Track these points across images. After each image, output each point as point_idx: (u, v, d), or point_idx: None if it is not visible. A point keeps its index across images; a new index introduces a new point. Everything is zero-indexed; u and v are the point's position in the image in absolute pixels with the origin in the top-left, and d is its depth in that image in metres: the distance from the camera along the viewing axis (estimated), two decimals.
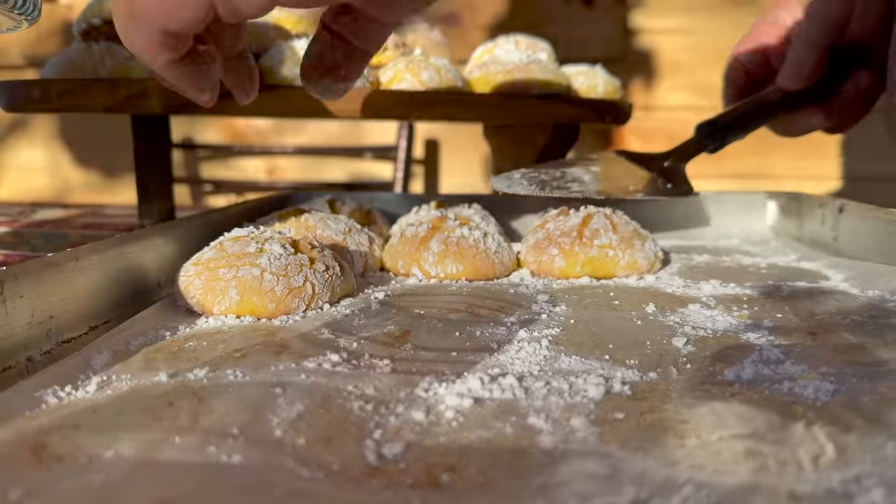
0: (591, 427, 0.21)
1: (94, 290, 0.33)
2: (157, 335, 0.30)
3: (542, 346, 0.28)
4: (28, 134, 1.29)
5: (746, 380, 0.25)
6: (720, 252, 0.51)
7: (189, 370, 0.25)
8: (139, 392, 0.23)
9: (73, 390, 0.23)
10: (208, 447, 0.19)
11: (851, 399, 0.22)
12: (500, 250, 0.42)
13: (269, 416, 0.21)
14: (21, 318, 0.28)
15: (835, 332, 0.30)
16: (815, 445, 0.19)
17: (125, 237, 0.36)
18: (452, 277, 0.41)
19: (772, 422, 0.21)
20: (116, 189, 1.27)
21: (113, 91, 0.52)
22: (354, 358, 0.27)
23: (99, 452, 0.19)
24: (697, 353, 0.28)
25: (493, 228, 0.47)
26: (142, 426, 0.20)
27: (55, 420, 0.21)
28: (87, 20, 0.60)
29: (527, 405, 0.22)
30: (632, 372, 0.26)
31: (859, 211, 0.48)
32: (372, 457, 0.19)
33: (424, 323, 0.32)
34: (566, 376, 0.25)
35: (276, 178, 1.20)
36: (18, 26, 0.41)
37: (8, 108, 0.56)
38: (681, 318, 0.33)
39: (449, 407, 0.22)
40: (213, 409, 0.21)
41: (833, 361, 0.26)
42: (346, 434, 0.20)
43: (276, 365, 0.26)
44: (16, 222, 0.84)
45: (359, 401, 0.22)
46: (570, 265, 0.42)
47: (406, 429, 0.21)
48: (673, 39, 1.14)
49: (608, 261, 0.42)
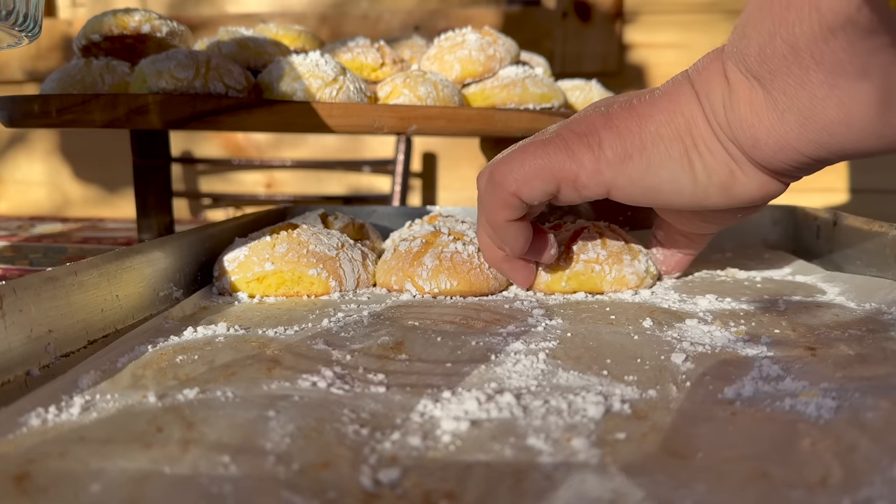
0: (593, 448, 0.20)
1: (92, 305, 0.33)
2: (145, 349, 0.29)
3: (538, 360, 0.28)
4: (28, 148, 1.30)
5: (747, 397, 0.25)
6: (714, 266, 0.51)
7: (178, 390, 0.24)
8: (127, 416, 0.22)
9: (58, 412, 0.23)
10: (199, 478, 0.18)
11: (854, 416, 0.22)
12: None
13: (262, 441, 0.20)
14: (20, 332, 0.28)
15: (834, 346, 0.30)
16: (822, 466, 0.19)
17: (124, 251, 0.36)
18: (446, 293, 0.41)
19: (776, 441, 0.21)
20: (115, 203, 1.27)
21: (112, 106, 0.53)
22: (348, 373, 0.27)
23: (85, 485, 0.18)
24: (696, 370, 0.27)
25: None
26: (130, 456, 0.19)
27: (39, 446, 0.20)
28: (87, 36, 0.60)
29: (525, 425, 0.22)
30: (631, 389, 0.25)
31: (854, 224, 0.48)
32: (368, 483, 0.18)
33: (419, 334, 0.32)
34: (564, 393, 0.24)
35: (274, 192, 1.20)
36: (19, 42, 0.42)
37: (8, 124, 0.56)
38: (678, 334, 0.33)
39: (445, 431, 0.22)
40: (203, 434, 0.21)
41: (834, 377, 0.26)
42: (341, 460, 0.20)
43: (268, 384, 0.25)
44: (15, 236, 0.84)
45: (354, 424, 0.22)
46: (556, 279, 0.41)
47: (402, 454, 0.20)
48: (668, 54, 1.15)
49: (594, 276, 0.41)
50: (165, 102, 0.52)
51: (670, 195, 0.33)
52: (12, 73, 1.23)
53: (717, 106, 0.31)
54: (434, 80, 0.58)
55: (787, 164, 0.30)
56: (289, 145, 1.21)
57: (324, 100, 0.55)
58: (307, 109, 0.54)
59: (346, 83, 0.56)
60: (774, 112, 0.28)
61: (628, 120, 0.32)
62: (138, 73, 0.55)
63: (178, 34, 0.61)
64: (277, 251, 0.41)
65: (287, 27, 0.69)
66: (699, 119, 0.31)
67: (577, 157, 0.32)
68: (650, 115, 0.32)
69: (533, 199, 0.34)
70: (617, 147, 0.32)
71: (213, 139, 1.22)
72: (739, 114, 0.30)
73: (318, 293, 0.41)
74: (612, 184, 0.33)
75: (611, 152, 0.32)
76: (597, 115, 0.33)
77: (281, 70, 0.56)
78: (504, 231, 0.36)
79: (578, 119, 0.34)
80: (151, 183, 0.65)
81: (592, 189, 0.33)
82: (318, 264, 0.41)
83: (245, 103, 0.54)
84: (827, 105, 0.26)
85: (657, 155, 0.32)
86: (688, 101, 0.32)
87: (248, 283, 0.40)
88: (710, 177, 0.32)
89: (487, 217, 0.36)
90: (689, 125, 0.32)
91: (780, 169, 0.31)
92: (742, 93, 0.29)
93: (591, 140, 0.32)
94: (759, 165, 0.31)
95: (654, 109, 0.32)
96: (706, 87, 0.31)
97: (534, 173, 0.33)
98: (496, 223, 0.35)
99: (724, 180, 0.32)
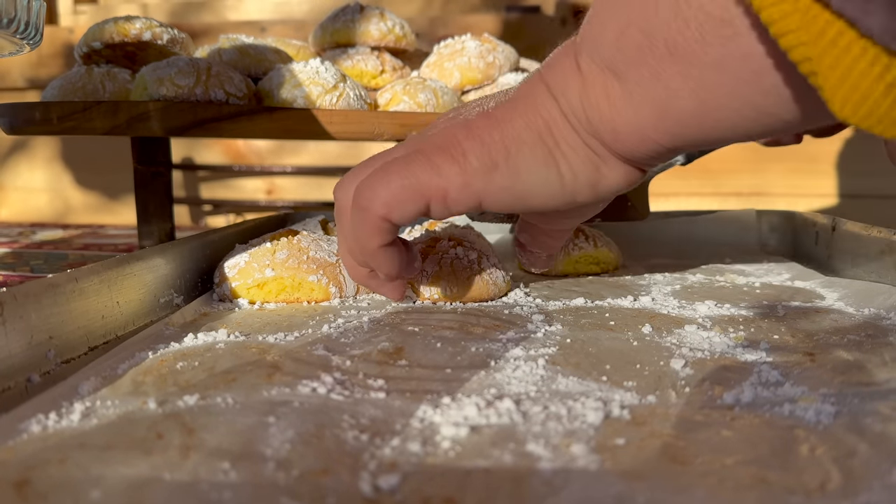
0: (592, 454, 0.20)
1: (93, 311, 0.33)
2: (146, 355, 0.30)
3: (538, 366, 0.28)
4: (29, 155, 1.30)
5: (746, 403, 0.25)
6: (713, 272, 0.51)
7: (179, 396, 0.24)
8: (128, 422, 0.22)
9: (59, 419, 0.23)
10: (199, 485, 0.18)
11: (853, 421, 0.22)
12: (494, 271, 0.42)
13: (262, 447, 0.20)
14: (20, 338, 0.28)
15: (833, 352, 0.30)
16: (821, 471, 0.19)
17: (125, 258, 0.36)
18: (446, 299, 0.41)
19: (775, 447, 0.21)
20: (116, 210, 1.27)
21: (113, 114, 0.53)
22: (348, 378, 0.27)
23: (85, 491, 0.18)
24: (695, 376, 0.27)
25: (487, 248, 0.47)
26: (131, 462, 0.19)
27: (40, 453, 0.20)
28: (88, 44, 0.60)
29: (525, 431, 0.22)
30: (630, 395, 0.25)
31: (852, 229, 0.48)
32: (368, 489, 0.18)
33: (419, 340, 0.32)
34: (564, 399, 0.24)
35: (275, 199, 1.21)
36: (20, 50, 0.42)
37: (9, 131, 0.56)
38: (678, 340, 0.33)
39: (445, 437, 0.22)
40: (203, 441, 0.21)
41: (832, 382, 0.26)
42: (340, 466, 0.20)
43: (268, 390, 0.25)
44: (16, 243, 0.85)
45: (353, 430, 0.22)
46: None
47: (402, 460, 0.20)
48: None
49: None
50: (166, 110, 0.52)
51: (541, 198, 0.32)
52: (14, 80, 1.23)
53: (575, 102, 0.30)
54: (434, 87, 0.58)
55: (649, 155, 0.29)
56: (289, 152, 1.21)
57: (324, 107, 0.55)
58: (307, 116, 0.54)
59: (346, 90, 0.56)
60: (631, 105, 0.27)
61: (489, 128, 0.31)
62: (139, 81, 0.56)
63: (179, 42, 0.62)
64: (278, 257, 0.41)
65: (286, 42, 0.69)
66: (558, 118, 0.30)
67: (442, 172, 0.31)
68: (510, 121, 0.31)
69: (403, 220, 0.33)
70: (482, 157, 0.31)
71: (213, 146, 1.22)
72: (597, 108, 0.29)
73: (318, 299, 0.41)
74: (482, 195, 0.31)
75: (477, 163, 0.31)
76: (457, 126, 0.32)
77: (281, 77, 0.56)
78: (378, 257, 0.34)
79: (438, 132, 0.33)
80: (152, 189, 0.65)
81: (464, 202, 0.32)
82: (319, 270, 0.41)
83: (246, 110, 0.54)
84: (681, 97, 0.25)
85: (523, 160, 0.31)
86: (544, 101, 0.31)
87: (249, 289, 0.41)
88: (576, 175, 0.31)
89: (360, 245, 0.34)
90: (549, 126, 0.31)
91: (642, 159, 0.30)
92: (598, 86, 0.28)
93: (454, 152, 0.31)
94: (621, 157, 0.30)
95: (514, 114, 0.31)
96: (561, 84, 0.30)
97: (401, 194, 0.31)
98: (369, 250, 0.34)
99: (590, 177, 0.31)
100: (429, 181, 0.31)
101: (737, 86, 0.24)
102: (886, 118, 0.21)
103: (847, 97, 0.20)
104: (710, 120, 0.26)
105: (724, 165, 1.03)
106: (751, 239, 0.62)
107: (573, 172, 0.31)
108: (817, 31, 0.20)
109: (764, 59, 0.23)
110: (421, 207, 0.32)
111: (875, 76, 0.20)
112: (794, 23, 0.20)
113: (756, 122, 0.25)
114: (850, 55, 0.20)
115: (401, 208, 0.32)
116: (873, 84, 0.20)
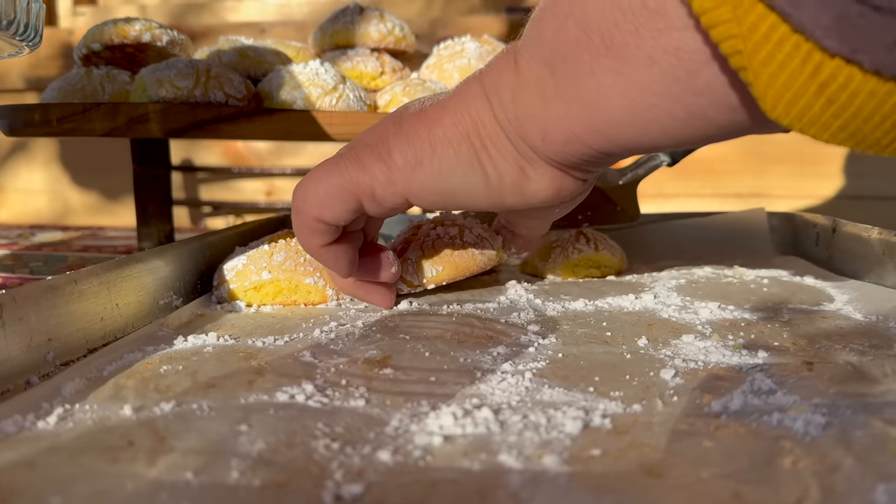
0: (564, 466, 0.20)
1: (92, 314, 0.33)
2: (134, 357, 0.30)
3: (524, 378, 0.27)
4: (28, 157, 1.30)
5: (734, 411, 0.24)
6: (721, 267, 0.50)
7: (156, 402, 0.24)
8: (102, 428, 0.22)
9: (36, 420, 0.23)
10: (159, 494, 0.18)
11: (843, 434, 0.21)
12: (480, 241, 0.41)
13: (229, 456, 0.20)
14: (20, 341, 0.28)
15: (833, 360, 0.29)
16: (800, 487, 0.18)
17: (124, 260, 0.36)
18: (436, 281, 0.40)
19: (756, 459, 0.20)
20: (116, 211, 1.27)
21: (113, 115, 0.53)
22: (329, 387, 0.26)
23: (46, 498, 0.18)
24: (686, 385, 0.27)
25: (471, 222, 0.45)
26: (96, 471, 0.19)
27: (10, 455, 0.20)
28: (87, 45, 0.60)
29: (500, 441, 0.21)
30: (615, 404, 0.25)
31: (853, 230, 0.48)
32: (329, 499, 0.18)
33: (408, 348, 0.31)
34: (545, 409, 0.24)
35: (275, 200, 1.20)
36: (20, 52, 0.42)
37: (8, 133, 0.57)
38: (672, 351, 0.32)
39: (417, 446, 0.21)
40: (172, 448, 0.21)
41: (827, 392, 0.25)
42: (305, 475, 0.19)
43: (246, 397, 0.25)
44: (15, 245, 0.85)
45: (325, 438, 0.22)
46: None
47: (370, 469, 0.20)
48: None
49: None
50: (166, 111, 0.52)
51: (466, 198, 0.32)
52: (13, 81, 1.23)
53: (507, 100, 0.29)
54: (434, 88, 0.58)
55: (577, 158, 0.28)
56: (289, 153, 1.21)
57: (323, 108, 0.55)
58: (307, 118, 0.54)
59: (346, 92, 0.56)
60: (562, 101, 0.27)
61: (418, 125, 0.31)
62: (139, 82, 0.56)
63: (178, 43, 0.62)
64: (275, 260, 0.41)
65: (286, 43, 0.69)
66: (487, 119, 0.30)
67: (369, 170, 0.31)
68: (438, 119, 0.31)
69: (338, 219, 0.33)
70: (407, 154, 0.31)
71: (213, 147, 1.22)
72: (529, 105, 0.28)
73: (315, 302, 0.41)
74: (407, 192, 0.32)
75: (401, 160, 0.31)
76: (389, 124, 0.32)
77: (281, 79, 0.56)
78: (322, 256, 0.35)
79: (372, 130, 0.33)
80: (152, 191, 0.65)
81: (390, 200, 0.32)
82: (315, 273, 0.41)
83: (245, 112, 0.54)
84: (613, 94, 0.24)
85: (447, 159, 0.31)
86: (475, 101, 0.31)
87: (246, 291, 0.40)
88: (501, 177, 0.31)
89: (304, 246, 0.35)
90: (477, 125, 0.30)
91: (570, 163, 0.29)
92: (532, 82, 0.28)
93: (381, 150, 0.31)
94: (549, 160, 0.30)
95: (443, 112, 0.31)
96: (495, 84, 0.30)
97: (331, 193, 0.32)
98: (311, 250, 0.35)
99: (515, 180, 0.31)
100: (357, 179, 0.32)
101: (668, 84, 0.23)
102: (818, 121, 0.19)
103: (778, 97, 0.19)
104: (641, 121, 0.25)
105: (725, 167, 1.03)
106: (762, 238, 0.61)
107: (498, 174, 0.31)
108: (749, 24, 0.19)
109: (696, 54, 0.22)
110: (353, 206, 0.32)
111: (807, 75, 0.19)
112: (726, 14, 0.19)
113: (689, 126, 0.24)
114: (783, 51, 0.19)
115: (332, 207, 0.32)
116: (806, 83, 0.19)
